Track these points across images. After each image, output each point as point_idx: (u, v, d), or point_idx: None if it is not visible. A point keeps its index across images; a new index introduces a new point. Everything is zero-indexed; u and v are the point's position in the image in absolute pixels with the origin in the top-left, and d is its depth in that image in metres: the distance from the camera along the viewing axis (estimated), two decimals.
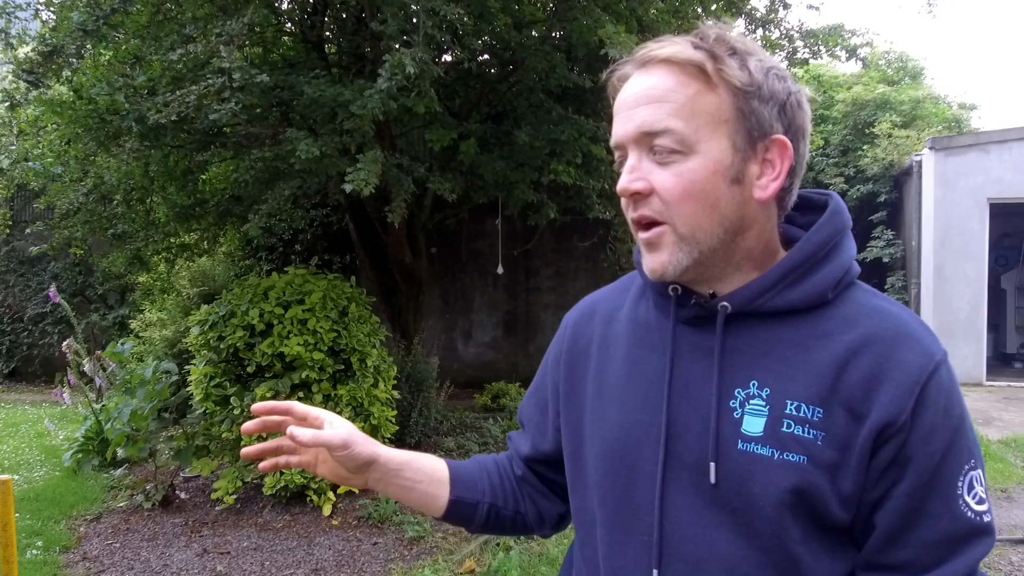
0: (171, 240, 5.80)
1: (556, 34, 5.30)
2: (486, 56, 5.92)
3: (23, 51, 5.06)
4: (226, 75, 3.86)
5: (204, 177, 5.75)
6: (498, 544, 3.83)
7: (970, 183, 8.58)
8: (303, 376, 4.31)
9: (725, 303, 0.84)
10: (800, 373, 0.80)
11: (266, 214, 4.52)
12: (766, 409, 0.80)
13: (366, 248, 6.36)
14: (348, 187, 3.91)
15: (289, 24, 5.54)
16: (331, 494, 4.36)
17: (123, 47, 4.83)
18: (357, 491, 4.40)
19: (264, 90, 4.14)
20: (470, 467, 1.08)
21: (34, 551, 3.76)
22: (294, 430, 0.89)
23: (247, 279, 5.02)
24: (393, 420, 4.83)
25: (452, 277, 8.62)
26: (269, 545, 3.90)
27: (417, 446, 5.56)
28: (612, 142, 0.86)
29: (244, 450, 0.95)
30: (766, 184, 0.83)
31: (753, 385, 0.82)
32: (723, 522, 0.81)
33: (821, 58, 6.23)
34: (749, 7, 5.81)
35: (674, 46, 0.82)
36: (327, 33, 5.55)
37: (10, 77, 7.32)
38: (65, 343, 5.25)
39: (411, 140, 5.95)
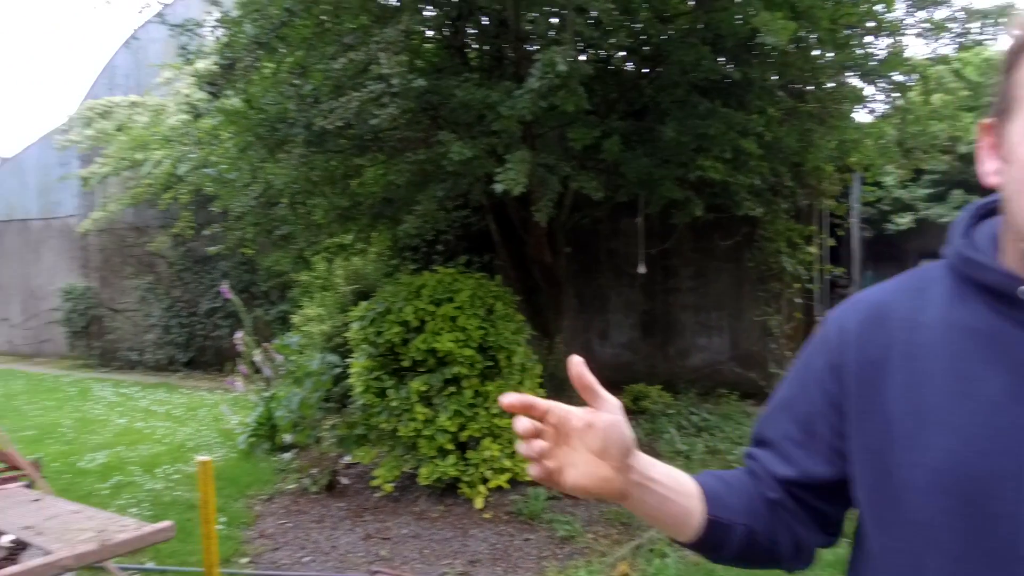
0: (331, 240, 6.17)
1: (701, 25, 5.16)
2: (623, 52, 5.85)
3: (200, 64, 5.55)
4: (385, 81, 4.05)
5: (357, 181, 6.07)
6: (652, 550, 3.76)
7: None
8: (454, 372, 4.44)
9: None
10: None
11: (421, 215, 4.69)
12: None
13: (507, 248, 6.47)
14: (499, 187, 3.98)
15: (432, 31, 5.73)
16: (482, 487, 4.46)
17: (289, 58, 5.18)
18: (507, 486, 4.48)
19: (419, 94, 4.31)
20: (713, 482, 0.91)
21: (219, 526, 4.10)
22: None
23: (400, 278, 5.24)
24: None
25: (587, 277, 8.59)
26: (427, 534, 4.05)
27: None
28: None
29: (522, 444, 0.79)
30: None
31: None
32: None
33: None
34: None
35: None
36: (469, 39, 5.69)
37: (185, 91, 8.05)
38: (237, 336, 5.69)
39: (548, 140, 5.99)
